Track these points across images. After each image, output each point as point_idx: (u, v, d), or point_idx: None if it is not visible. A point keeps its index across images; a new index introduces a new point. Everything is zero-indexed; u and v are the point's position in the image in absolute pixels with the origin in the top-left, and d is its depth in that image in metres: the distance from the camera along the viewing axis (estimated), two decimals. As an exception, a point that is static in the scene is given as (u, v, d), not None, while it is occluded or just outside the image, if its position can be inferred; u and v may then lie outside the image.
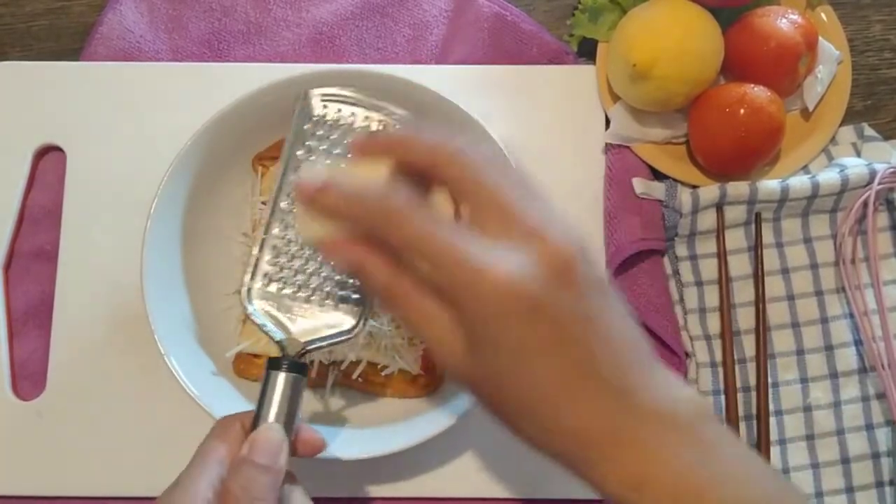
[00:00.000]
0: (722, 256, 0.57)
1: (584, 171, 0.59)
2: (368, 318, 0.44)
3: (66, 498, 0.54)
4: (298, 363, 0.41)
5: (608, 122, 0.59)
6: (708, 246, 0.57)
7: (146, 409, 0.55)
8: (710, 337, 0.56)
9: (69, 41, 0.63)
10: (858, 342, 0.56)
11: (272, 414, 0.39)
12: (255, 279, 0.44)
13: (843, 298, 0.57)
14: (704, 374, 0.56)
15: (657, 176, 0.58)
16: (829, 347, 0.56)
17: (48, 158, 0.60)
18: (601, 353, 0.34)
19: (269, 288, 0.43)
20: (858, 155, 0.59)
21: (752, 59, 0.55)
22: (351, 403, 0.54)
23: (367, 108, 0.44)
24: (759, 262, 0.57)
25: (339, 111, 0.44)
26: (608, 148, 0.58)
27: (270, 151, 0.56)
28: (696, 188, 0.56)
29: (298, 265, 0.45)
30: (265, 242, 0.44)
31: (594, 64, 0.60)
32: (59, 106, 0.59)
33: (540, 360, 0.34)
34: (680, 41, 0.53)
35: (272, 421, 0.39)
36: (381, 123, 0.44)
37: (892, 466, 0.55)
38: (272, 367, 0.40)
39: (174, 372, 0.48)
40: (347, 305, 0.44)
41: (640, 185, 0.57)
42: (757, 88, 0.54)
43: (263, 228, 0.45)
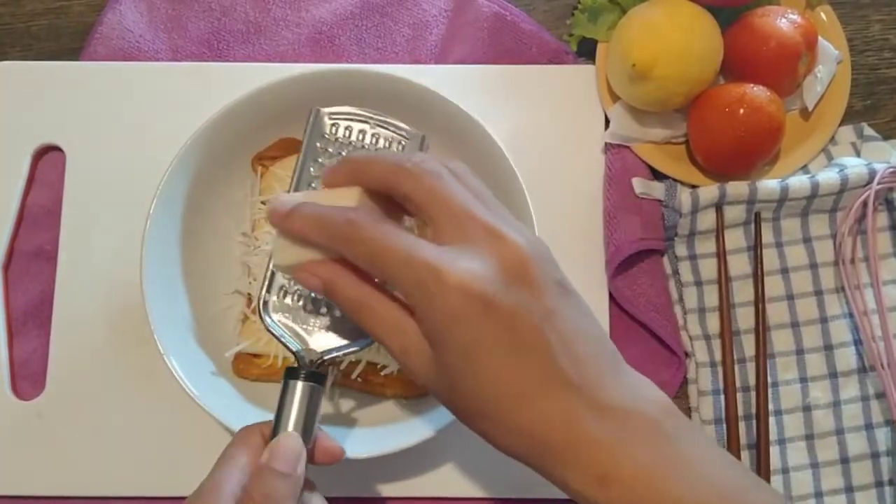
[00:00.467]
0: (721, 256, 0.57)
1: (583, 170, 0.59)
2: None
3: (66, 498, 0.54)
4: (315, 373, 0.41)
5: (608, 121, 0.59)
6: (707, 246, 0.57)
7: (146, 408, 0.55)
8: (709, 337, 0.56)
9: (69, 41, 0.62)
10: (858, 342, 0.56)
11: (291, 423, 0.40)
12: (270, 292, 0.44)
13: (842, 298, 0.57)
14: (704, 373, 0.56)
15: (657, 176, 0.58)
16: (828, 347, 0.56)
17: (48, 158, 0.60)
18: (560, 351, 0.34)
19: (285, 300, 0.44)
20: (858, 155, 0.59)
21: (751, 58, 0.55)
22: (350, 403, 0.54)
23: (374, 125, 0.46)
24: (758, 261, 0.57)
25: (347, 129, 0.46)
26: (608, 148, 0.58)
27: (270, 151, 0.56)
28: (695, 188, 0.56)
29: None
30: None
31: (594, 64, 0.60)
32: (58, 106, 0.59)
33: (495, 358, 0.34)
34: (680, 41, 0.53)
35: (291, 430, 0.40)
36: (387, 140, 0.46)
37: (891, 466, 0.55)
38: (290, 376, 0.41)
39: (173, 372, 0.48)
40: None
41: (639, 184, 0.57)
42: (756, 88, 0.54)
43: None
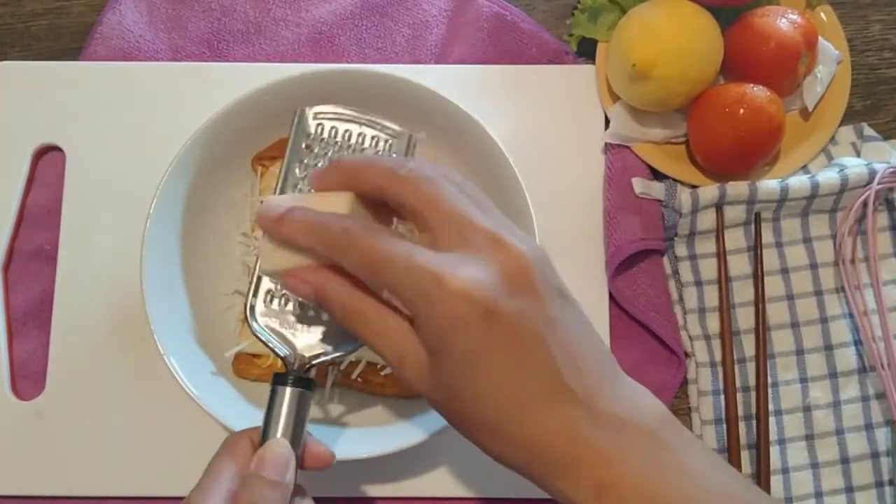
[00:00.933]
0: (721, 256, 0.57)
1: (583, 170, 0.59)
2: None
3: (65, 498, 0.54)
4: (304, 378, 0.41)
5: (608, 121, 0.59)
6: (707, 246, 0.57)
7: (146, 408, 0.55)
8: (709, 337, 0.56)
9: (69, 41, 0.62)
10: (858, 342, 0.56)
11: (279, 429, 0.39)
12: (257, 297, 0.43)
13: (842, 298, 0.57)
14: (704, 373, 0.56)
15: (657, 176, 0.58)
16: (828, 347, 0.56)
17: (47, 158, 0.60)
18: (562, 360, 0.34)
19: (272, 305, 0.43)
20: (858, 155, 0.59)
21: (751, 58, 0.55)
22: (350, 403, 0.54)
23: (361, 124, 0.45)
24: (758, 261, 0.57)
25: (333, 128, 0.45)
26: (608, 148, 0.58)
27: (270, 151, 0.56)
28: (695, 188, 0.56)
29: None
30: None
31: (594, 64, 0.60)
32: (58, 106, 0.59)
33: (497, 366, 0.33)
34: (680, 41, 0.53)
35: (279, 436, 0.39)
36: (374, 140, 0.45)
37: (891, 466, 0.55)
38: (278, 382, 0.40)
39: (173, 372, 0.48)
40: None
41: (639, 184, 0.57)
42: (756, 88, 0.54)
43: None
